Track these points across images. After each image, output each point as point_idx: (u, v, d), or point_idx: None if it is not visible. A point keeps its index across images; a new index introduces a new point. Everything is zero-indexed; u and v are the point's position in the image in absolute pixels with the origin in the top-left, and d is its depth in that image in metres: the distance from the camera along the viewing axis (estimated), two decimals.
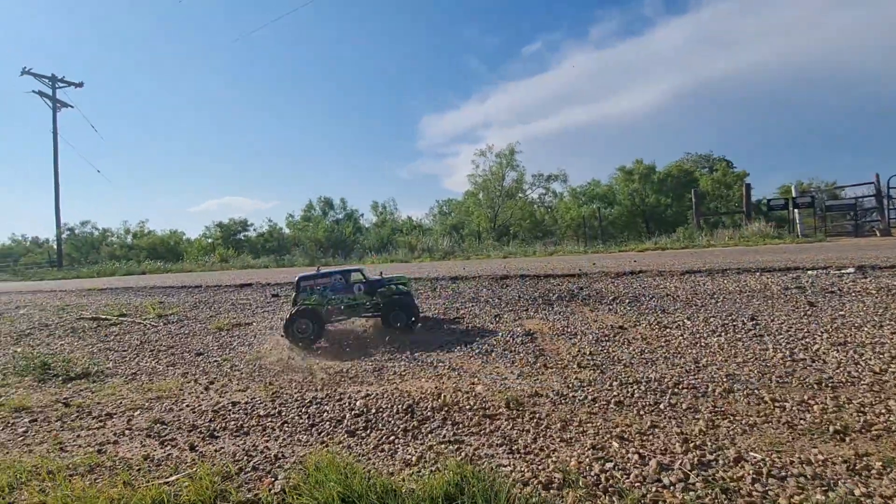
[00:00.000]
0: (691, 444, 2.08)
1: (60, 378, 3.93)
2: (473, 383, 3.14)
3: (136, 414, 3.01)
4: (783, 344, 3.39)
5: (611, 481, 1.84)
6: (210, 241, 26.18)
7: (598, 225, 23.77)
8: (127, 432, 2.72)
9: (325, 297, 4.79)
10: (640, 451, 2.06)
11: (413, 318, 4.60)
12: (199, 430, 2.67)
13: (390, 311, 4.66)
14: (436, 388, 3.06)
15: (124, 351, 4.76)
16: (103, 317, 6.44)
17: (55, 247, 24.72)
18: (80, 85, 23.99)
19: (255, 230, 28.09)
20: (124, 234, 30.07)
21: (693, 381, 2.82)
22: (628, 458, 2.00)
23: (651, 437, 2.20)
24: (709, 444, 2.09)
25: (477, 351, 3.89)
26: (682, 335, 3.83)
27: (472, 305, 5.61)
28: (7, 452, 2.56)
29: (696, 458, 1.96)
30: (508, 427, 2.40)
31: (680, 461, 1.95)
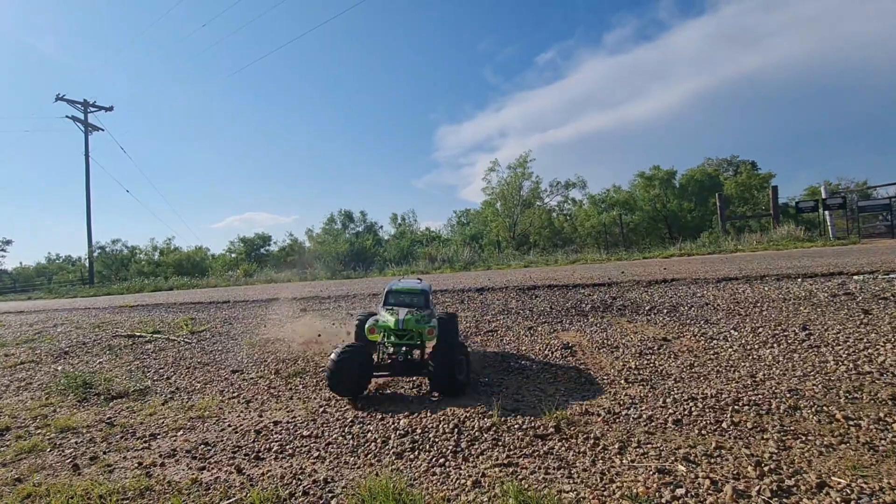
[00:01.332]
0: (765, 468, 1.95)
1: (102, 397, 3.97)
2: (517, 400, 3.05)
3: (178, 434, 3.00)
4: (844, 356, 3.21)
5: None
6: (233, 256, 26.67)
7: (620, 232, 23.40)
8: (172, 454, 2.70)
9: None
10: (711, 475, 1.93)
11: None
12: (243, 451, 2.64)
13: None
14: (482, 405, 2.97)
15: (161, 368, 4.80)
16: (138, 334, 6.55)
17: (87, 265, 25.51)
18: (110, 109, 24.94)
19: (276, 244, 28.54)
20: (152, 251, 30.91)
21: (753, 398, 2.67)
22: (699, 484, 1.88)
23: (719, 459, 2.07)
24: (784, 467, 1.96)
25: (515, 368, 3.79)
26: (730, 347, 3.66)
27: (504, 317, 5.52)
28: (57, 475, 2.57)
29: (774, 484, 1.83)
30: (563, 448, 2.30)
31: (757, 487, 1.82)
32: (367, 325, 3.51)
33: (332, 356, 3.22)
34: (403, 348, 3.32)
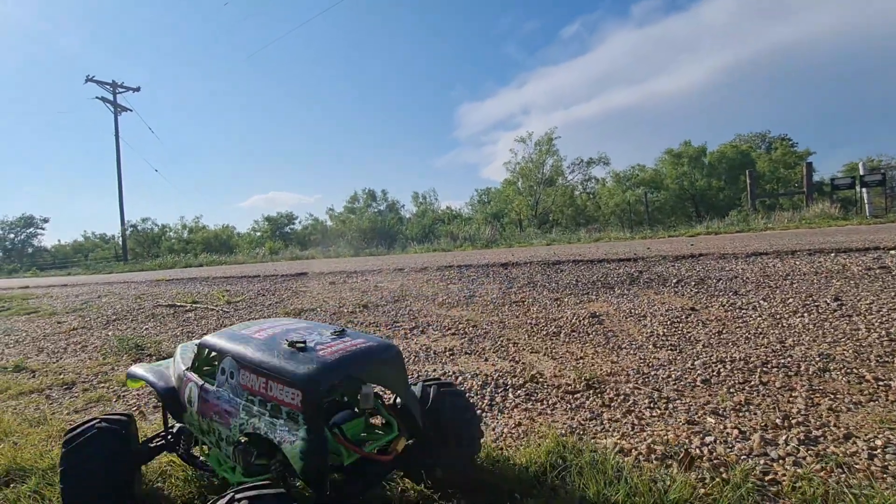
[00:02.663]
0: (793, 421, 2.02)
1: (154, 357, 4.26)
2: (544, 362, 3.17)
3: None
4: (876, 324, 3.20)
5: (714, 453, 1.82)
6: (259, 234, 27.34)
7: (645, 210, 23.01)
8: None
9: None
10: (739, 426, 2.02)
11: None
12: None
13: None
14: (510, 366, 3.10)
15: (204, 334, 5.09)
16: (178, 303, 6.90)
17: (120, 242, 26.56)
18: (138, 89, 25.46)
19: (300, 223, 29.10)
20: (181, 229, 31.92)
21: (782, 361, 2.72)
22: (728, 433, 1.97)
23: (747, 413, 2.15)
24: (812, 420, 2.03)
25: (543, 332, 3.90)
26: (759, 316, 3.68)
27: (530, 290, 5.61)
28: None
29: (801, 434, 1.91)
30: (594, 403, 2.41)
31: (784, 436, 1.90)
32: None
33: None
34: None
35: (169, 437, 1.87)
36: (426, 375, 3.10)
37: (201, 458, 1.82)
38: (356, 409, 1.54)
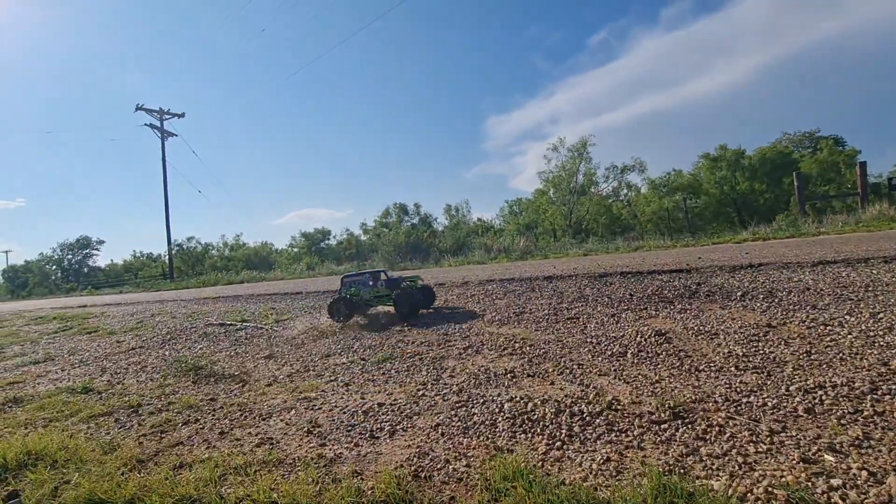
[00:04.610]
0: None
1: (212, 378, 4.31)
2: (617, 386, 2.99)
3: (291, 414, 3.21)
4: None
5: (848, 501, 1.62)
6: (296, 250, 27.99)
7: (685, 217, 22.20)
8: (290, 431, 2.89)
9: (358, 290, 6.57)
10: (866, 466, 1.80)
11: (412, 307, 6.04)
12: (357, 429, 2.78)
13: (399, 301, 6.13)
14: (581, 391, 2.94)
15: (257, 354, 5.14)
16: (228, 322, 7.04)
17: (167, 261, 27.75)
18: (182, 115, 26.76)
19: (334, 238, 29.64)
20: (223, 247, 33.09)
21: (893, 387, 2.45)
22: (855, 475, 1.76)
23: (870, 450, 1.92)
24: None
25: (608, 352, 3.71)
26: (849, 334, 3.38)
27: (582, 305, 5.41)
28: (195, 446, 2.82)
29: None
30: (686, 436, 2.23)
31: None
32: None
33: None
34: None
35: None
36: (490, 399, 2.97)
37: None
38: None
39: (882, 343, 3.14)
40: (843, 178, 23.96)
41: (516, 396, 2.97)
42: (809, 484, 1.73)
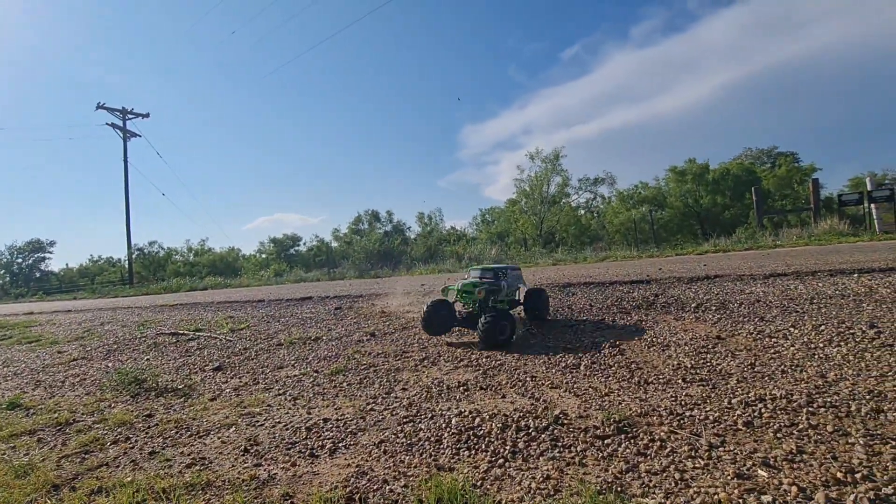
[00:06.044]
0: (857, 475, 1.81)
1: (153, 393, 4.07)
2: (566, 399, 2.96)
3: (230, 431, 3.03)
4: None
5: None
6: (264, 256, 27.28)
7: (650, 228, 22.80)
8: (226, 449, 2.73)
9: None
10: (797, 481, 1.81)
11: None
12: (297, 447, 2.64)
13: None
14: (530, 404, 2.90)
15: (206, 366, 4.90)
16: (181, 332, 6.73)
17: (126, 266, 26.56)
18: (147, 116, 25.85)
19: (305, 245, 29.06)
20: (187, 252, 31.94)
21: (829, 400, 2.51)
22: (786, 490, 1.76)
23: (802, 465, 1.94)
24: (878, 474, 1.82)
25: (562, 364, 3.69)
26: (792, 346, 3.47)
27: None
28: (120, 468, 2.62)
29: (871, 492, 1.70)
30: (628, 451, 2.20)
31: (852, 495, 1.69)
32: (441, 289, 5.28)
33: (424, 306, 4.86)
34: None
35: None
36: (439, 413, 2.89)
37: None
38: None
39: (821, 355, 3.23)
40: (797, 194, 25.18)
41: (465, 411, 2.90)
42: (741, 501, 1.72)
